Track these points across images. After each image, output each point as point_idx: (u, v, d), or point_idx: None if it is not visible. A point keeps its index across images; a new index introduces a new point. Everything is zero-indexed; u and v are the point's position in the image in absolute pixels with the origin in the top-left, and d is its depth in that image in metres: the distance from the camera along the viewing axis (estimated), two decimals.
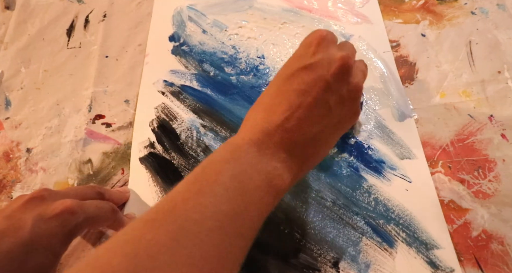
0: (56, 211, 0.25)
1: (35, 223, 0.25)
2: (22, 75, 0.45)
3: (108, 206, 0.29)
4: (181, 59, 0.44)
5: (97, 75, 0.44)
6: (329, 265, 0.31)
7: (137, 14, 0.48)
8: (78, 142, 0.39)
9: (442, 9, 0.43)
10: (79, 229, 0.26)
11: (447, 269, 0.30)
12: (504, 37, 0.40)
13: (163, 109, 0.40)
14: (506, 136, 0.35)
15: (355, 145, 0.36)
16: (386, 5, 0.44)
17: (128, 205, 0.35)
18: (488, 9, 0.42)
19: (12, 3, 0.51)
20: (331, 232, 0.32)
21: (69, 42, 0.47)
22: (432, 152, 0.35)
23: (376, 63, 0.40)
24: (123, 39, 0.46)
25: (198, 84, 0.42)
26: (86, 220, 0.27)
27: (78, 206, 0.26)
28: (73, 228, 0.26)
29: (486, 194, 0.33)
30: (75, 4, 0.50)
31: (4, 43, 0.48)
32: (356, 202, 0.34)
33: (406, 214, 0.33)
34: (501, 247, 0.31)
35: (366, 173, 0.35)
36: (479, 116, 0.36)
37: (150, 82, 0.42)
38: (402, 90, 0.39)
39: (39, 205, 0.26)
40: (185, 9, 0.47)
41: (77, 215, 0.26)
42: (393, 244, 0.32)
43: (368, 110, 0.38)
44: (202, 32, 0.45)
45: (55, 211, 0.25)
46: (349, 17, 0.44)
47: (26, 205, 0.26)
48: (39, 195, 0.27)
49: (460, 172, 0.34)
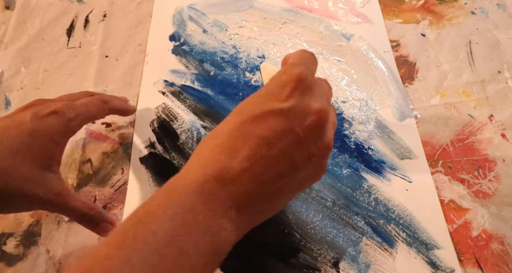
0: (49, 109, 0.29)
1: (33, 118, 0.29)
2: (22, 75, 0.45)
3: (97, 101, 0.33)
4: (182, 59, 0.44)
5: (97, 75, 0.44)
6: (329, 265, 0.31)
7: (137, 14, 0.48)
8: (78, 142, 0.39)
9: (442, 9, 0.43)
10: (75, 124, 0.31)
11: (447, 269, 0.30)
12: (504, 37, 0.40)
13: (164, 109, 0.40)
14: (506, 136, 0.35)
15: (355, 145, 0.36)
16: (386, 5, 0.44)
17: (128, 205, 0.35)
18: (488, 9, 0.42)
19: (12, 3, 0.51)
20: (331, 232, 0.32)
21: (69, 42, 0.47)
22: (432, 152, 0.35)
23: (377, 63, 0.40)
24: (123, 39, 0.46)
25: (198, 84, 0.42)
26: (78, 116, 0.31)
27: (67, 106, 0.30)
28: (67, 122, 0.30)
29: (486, 194, 0.33)
30: (75, 4, 0.50)
31: (4, 43, 0.48)
32: (356, 202, 0.34)
33: (406, 214, 0.33)
34: (501, 247, 0.31)
35: (366, 173, 0.35)
36: (479, 116, 0.36)
37: (150, 82, 0.42)
38: (402, 90, 0.39)
39: (35, 107, 0.30)
40: (186, 9, 0.47)
41: (67, 112, 0.30)
42: (393, 244, 0.32)
43: (369, 110, 0.38)
44: (203, 31, 0.45)
45: (48, 109, 0.29)
46: (350, 17, 0.44)
47: (26, 108, 0.30)
48: (35, 102, 0.31)
49: (460, 172, 0.34)
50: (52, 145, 0.30)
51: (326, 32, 0.43)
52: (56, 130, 0.29)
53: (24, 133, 0.28)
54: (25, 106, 0.31)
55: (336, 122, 0.26)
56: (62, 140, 0.31)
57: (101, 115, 0.35)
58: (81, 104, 0.32)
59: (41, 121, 0.29)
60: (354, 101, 0.39)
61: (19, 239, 0.35)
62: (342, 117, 0.38)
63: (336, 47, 0.42)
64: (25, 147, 0.28)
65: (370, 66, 0.40)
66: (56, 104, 0.30)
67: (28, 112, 0.29)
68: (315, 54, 0.26)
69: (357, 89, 0.39)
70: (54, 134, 0.29)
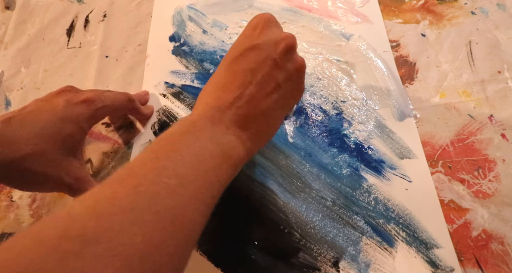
0: (80, 98, 0.32)
1: (65, 105, 0.31)
2: (22, 75, 0.45)
3: (123, 97, 0.36)
4: (182, 60, 0.44)
5: (97, 75, 0.44)
6: (329, 265, 0.31)
7: (137, 14, 0.48)
8: None
9: (442, 9, 0.43)
10: (100, 113, 0.33)
11: (447, 268, 0.30)
12: (504, 37, 0.40)
13: (164, 111, 0.40)
14: (506, 136, 0.35)
15: (355, 145, 0.36)
16: (386, 5, 0.44)
17: None
18: (488, 9, 0.42)
19: (12, 3, 0.51)
20: (331, 232, 0.32)
21: (69, 42, 0.47)
22: (432, 152, 0.35)
23: (376, 62, 0.40)
24: (123, 39, 0.46)
25: (198, 82, 0.42)
26: (104, 107, 0.33)
27: (97, 96, 0.33)
28: (94, 112, 0.32)
29: (486, 194, 0.33)
30: (75, 4, 0.50)
31: (4, 43, 0.48)
32: (356, 201, 0.34)
33: (406, 213, 0.33)
34: (501, 247, 0.31)
35: (366, 173, 0.35)
36: (479, 116, 0.36)
37: (151, 84, 0.42)
38: (402, 90, 0.39)
39: (68, 94, 0.32)
40: (185, 9, 0.47)
41: (96, 102, 0.33)
42: (393, 243, 0.32)
43: (368, 109, 0.38)
44: (202, 32, 0.45)
45: (80, 98, 0.32)
46: (349, 17, 0.44)
47: (59, 94, 0.32)
48: (67, 88, 0.33)
49: (460, 172, 0.34)
50: (79, 131, 0.32)
51: (325, 32, 0.43)
52: (84, 118, 0.32)
53: (56, 118, 0.30)
54: (57, 91, 0.33)
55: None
56: (88, 128, 0.33)
57: (124, 111, 0.38)
58: (109, 96, 0.34)
59: (72, 108, 0.31)
60: (354, 100, 0.39)
61: None
62: (342, 116, 0.38)
63: (336, 47, 0.42)
64: (56, 132, 0.30)
65: (369, 66, 0.40)
66: (87, 93, 0.33)
67: (61, 98, 0.32)
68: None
69: (356, 88, 0.39)
70: (82, 122, 0.32)
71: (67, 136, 0.31)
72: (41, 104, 0.31)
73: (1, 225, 0.36)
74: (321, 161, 0.36)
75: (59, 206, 0.37)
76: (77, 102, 0.32)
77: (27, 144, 0.29)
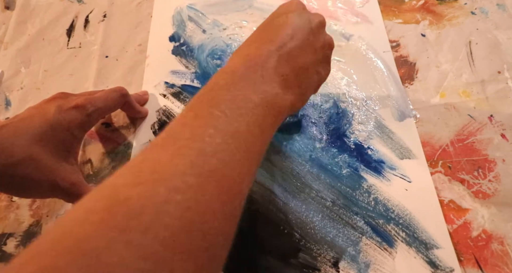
0: (71, 104, 0.32)
1: (56, 111, 0.31)
2: (22, 75, 0.45)
3: (115, 94, 0.35)
4: (182, 59, 0.44)
5: (97, 75, 0.44)
6: (329, 265, 0.31)
7: (137, 14, 0.48)
8: None
9: (442, 9, 0.43)
10: (93, 117, 0.33)
11: (447, 268, 0.30)
12: (504, 37, 0.40)
13: (164, 111, 0.40)
14: (506, 136, 0.35)
15: (355, 145, 0.36)
16: (386, 5, 0.44)
17: None
18: (488, 9, 0.42)
19: (12, 3, 0.51)
20: (331, 232, 0.32)
21: (69, 42, 0.47)
22: (432, 152, 0.35)
23: (376, 63, 0.40)
24: (123, 39, 0.46)
25: (198, 82, 0.42)
26: (97, 110, 0.33)
27: (88, 101, 0.33)
28: (86, 117, 0.32)
29: (486, 194, 0.33)
30: (75, 4, 0.50)
31: (4, 43, 0.48)
32: (356, 202, 0.34)
33: (405, 214, 0.33)
34: (501, 247, 0.31)
35: (365, 173, 0.35)
36: (479, 116, 0.36)
37: (151, 84, 0.42)
38: (402, 90, 0.39)
39: (59, 101, 0.32)
40: (185, 9, 0.47)
41: (87, 107, 0.32)
42: (393, 243, 0.32)
43: (368, 110, 0.38)
44: (202, 32, 0.45)
45: (71, 104, 0.32)
46: (349, 17, 0.44)
47: (50, 101, 0.33)
48: (59, 95, 0.33)
49: (460, 172, 0.34)
50: (70, 138, 0.32)
51: None
52: (75, 124, 0.32)
53: (47, 124, 0.30)
54: (49, 98, 0.33)
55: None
56: (81, 134, 0.33)
57: (118, 108, 0.37)
58: (100, 97, 0.34)
59: (64, 115, 0.31)
60: (354, 101, 0.39)
61: (19, 239, 0.35)
62: (342, 117, 0.38)
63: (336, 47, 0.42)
64: (47, 138, 0.30)
65: (369, 66, 0.40)
66: (78, 99, 0.33)
67: (52, 104, 0.32)
68: None
69: (356, 89, 0.39)
70: (73, 128, 0.32)
71: (59, 142, 0.31)
72: (33, 111, 0.32)
73: (1, 225, 0.36)
74: (321, 161, 0.36)
75: (59, 206, 0.37)
76: (68, 109, 0.32)
77: (20, 150, 0.29)
